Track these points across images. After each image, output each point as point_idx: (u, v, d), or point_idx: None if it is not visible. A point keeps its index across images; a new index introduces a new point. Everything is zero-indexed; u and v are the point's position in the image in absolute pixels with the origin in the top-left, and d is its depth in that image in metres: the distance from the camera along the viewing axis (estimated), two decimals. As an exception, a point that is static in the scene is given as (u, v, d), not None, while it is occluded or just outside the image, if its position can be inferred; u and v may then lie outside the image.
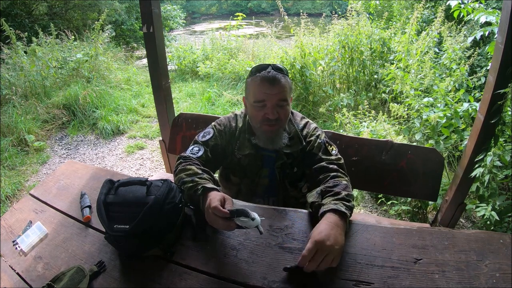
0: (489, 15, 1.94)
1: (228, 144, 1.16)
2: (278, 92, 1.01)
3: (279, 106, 1.03)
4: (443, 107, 2.12)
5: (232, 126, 1.17)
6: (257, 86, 1.03)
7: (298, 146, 1.12)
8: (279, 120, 1.05)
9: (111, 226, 0.81)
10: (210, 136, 1.13)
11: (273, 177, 1.15)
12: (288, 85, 1.05)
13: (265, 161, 1.14)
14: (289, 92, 1.06)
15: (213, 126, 1.17)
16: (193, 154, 1.09)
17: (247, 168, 1.15)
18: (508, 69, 1.21)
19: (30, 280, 0.84)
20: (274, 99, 1.01)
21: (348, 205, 0.87)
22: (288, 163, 1.13)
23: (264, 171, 1.15)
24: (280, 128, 1.08)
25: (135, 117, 3.97)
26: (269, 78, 1.02)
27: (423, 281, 0.73)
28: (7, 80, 3.77)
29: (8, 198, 2.49)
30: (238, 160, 1.15)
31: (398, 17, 4.55)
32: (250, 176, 1.16)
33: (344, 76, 3.84)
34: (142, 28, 1.73)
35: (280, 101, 1.03)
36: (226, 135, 1.16)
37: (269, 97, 1.01)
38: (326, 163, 1.03)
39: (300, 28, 3.88)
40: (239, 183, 1.18)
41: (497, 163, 1.56)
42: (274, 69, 1.04)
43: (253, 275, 0.78)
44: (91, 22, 5.20)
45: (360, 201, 2.40)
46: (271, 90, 1.01)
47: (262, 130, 1.08)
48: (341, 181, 0.97)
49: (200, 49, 5.86)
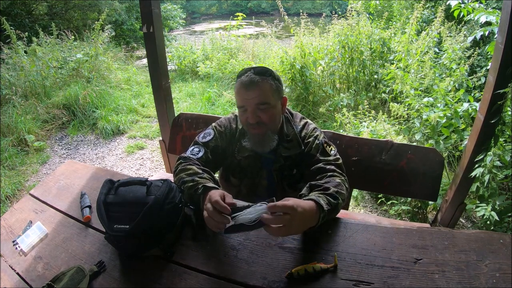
0: (489, 15, 1.94)
1: (229, 146, 1.16)
2: (255, 96, 1.00)
3: (260, 109, 1.02)
4: (443, 107, 2.12)
5: (233, 127, 1.17)
6: (237, 92, 1.04)
7: (297, 149, 1.11)
8: (261, 124, 1.03)
9: (111, 226, 0.81)
10: (210, 137, 1.13)
11: (271, 179, 1.15)
12: (270, 87, 1.02)
13: (264, 162, 1.14)
14: (273, 94, 1.03)
15: (213, 127, 1.16)
16: (193, 155, 1.08)
17: (247, 169, 1.15)
18: (508, 69, 1.21)
19: (30, 280, 0.84)
20: (252, 103, 1.01)
21: (331, 201, 0.86)
22: (286, 166, 1.12)
23: (263, 172, 1.16)
24: (267, 131, 1.06)
25: (135, 117, 3.97)
26: (245, 83, 1.01)
27: (423, 281, 0.73)
28: (7, 80, 3.77)
29: (8, 198, 2.49)
30: (238, 161, 1.16)
31: (398, 17, 4.56)
32: (250, 177, 1.16)
33: (344, 76, 3.84)
34: (142, 28, 1.73)
35: (259, 105, 1.01)
36: (227, 136, 1.16)
37: (247, 102, 1.01)
38: (323, 164, 1.03)
39: (300, 28, 3.88)
40: (239, 184, 1.18)
41: (497, 163, 1.56)
42: (255, 73, 1.02)
43: (253, 275, 0.78)
44: (91, 22, 5.20)
45: (360, 201, 2.40)
46: (247, 95, 1.01)
47: (250, 133, 1.09)
48: (334, 179, 0.96)
49: (200, 49, 5.86)
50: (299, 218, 0.76)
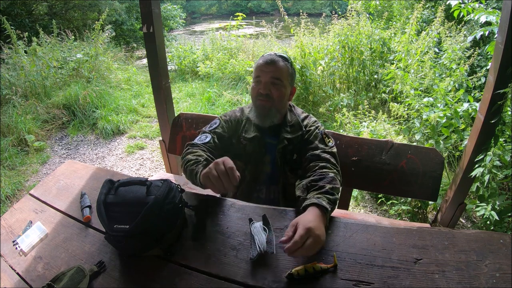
0: (489, 15, 1.94)
1: (235, 133, 1.23)
2: (272, 71, 1.11)
3: (272, 83, 1.12)
4: (443, 107, 2.12)
5: (237, 115, 1.25)
6: (257, 66, 1.15)
7: (298, 132, 1.19)
8: (270, 97, 1.12)
9: (111, 226, 0.80)
10: (216, 125, 1.22)
11: (274, 164, 1.19)
12: (286, 69, 1.14)
13: (268, 148, 1.20)
14: (286, 76, 1.14)
15: (219, 117, 1.25)
16: (201, 141, 1.15)
17: (251, 155, 1.20)
18: (508, 69, 1.21)
19: (30, 280, 0.84)
20: (268, 76, 1.11)
21: (330, 199, 0.91)
22: (288, 149, 1.17)
23: (267, 158, 1.20)
24: (272, 107, 1.14)
25: (135, 117, 3.97)
26: (267, 58, 1.13)
27: (423, 281, 0.73)
28: (7, 80, 3.77)
29: (8, 198, 2.49)
30: (244, 146, 1.20)
31: (398, 17, 4.56)
32: (254, 163, 1.20)
33: (344, 76, 3.84)
34: (142, 28, 1.73)
35: (273, 79, 1.11)
36: (232, 124, 1.23)
37: (264, 74, 1.12)
38: (320, 152, 1.09)
39: (300, 28, 3.89)
40: (244, 169, 1.21)
41: (497, 163, 1.56)
42: (277, 55, 1.15)
43: (253, 275, 0.78)
44: (91, 22, 5.20)
45: (360, 201, 2.40)
46: (266, 68, 1.12)
47: (256, 105, 1.17)
48: (328, 174, 1.00)
49: (200, 49, 5.86)
50: (316, 230, 0.78)
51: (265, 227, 0.87)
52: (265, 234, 0.84)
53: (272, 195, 1.22)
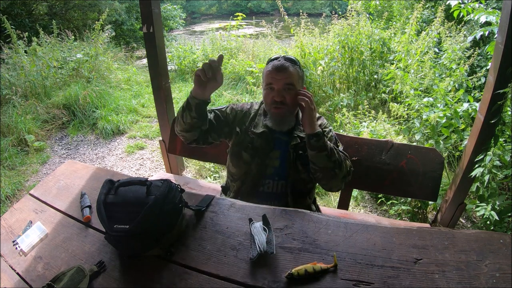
0: (489, 15, 1.94)
1: (239, 123, 1.26)
2: (284, 77, 1.13)
3: (286, 90, 1.14)
4: (443, 107, 2.12)
5: (246, 108, 1.29)
6: (268, 72, 1.16)
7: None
8: (285, 103, 1.15)
9: (111, 226, 0.80)
10: (222, 107, 1.29)
11: (284, 159, 1.20)
12: (297, 73, 1.16)
13: (277, 143, 1.21)
14: (297, 80, 1.16)
15: (228, 104, 1.32)
16: None
17: (258, 149, 1.21)
18: (508, 69, 1.21)
19: (30, 280, 0.84)
20: (280, 83, 1.13)
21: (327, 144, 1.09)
22: (301, 145, 1.19)
23: (275, 153, 1.21)
24: (287, 112, 1.17)
25: (135, 117, 3.96)
26: (277, 65, 1.15)
27: (423, 281, 0.73)
28: (7, 80, 3.77)
29: (8, 198, 2.49)
30: (251, 139, 1.21)
31: (398, 17, 4.56)
32: (262, 156, 1.21)
33: (344, 76, 3.84)
34: (142, 28, 1.73)
35: (286, 85, 1.13)
36: (237, 114, 1.27)
37: (276, 81, 1.14)
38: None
39: (300, 28, 3.88)
40: (250, 162, 1.21)
41: (497, 163, 1.56)
42: (286, 59, 1.17)
43: (253, 275, 0.78)
44: (91, 22, 5.20)
45: (360, 201, 2.40)
46: (278, 75, 1.13)
47: (271, 112, 1.19)
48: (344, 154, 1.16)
49: (200, 49, 5.84)
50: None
51: (265, 227, 0.87)
52: (265, 234, 0.84)
53: (280, 190, 1.22)
